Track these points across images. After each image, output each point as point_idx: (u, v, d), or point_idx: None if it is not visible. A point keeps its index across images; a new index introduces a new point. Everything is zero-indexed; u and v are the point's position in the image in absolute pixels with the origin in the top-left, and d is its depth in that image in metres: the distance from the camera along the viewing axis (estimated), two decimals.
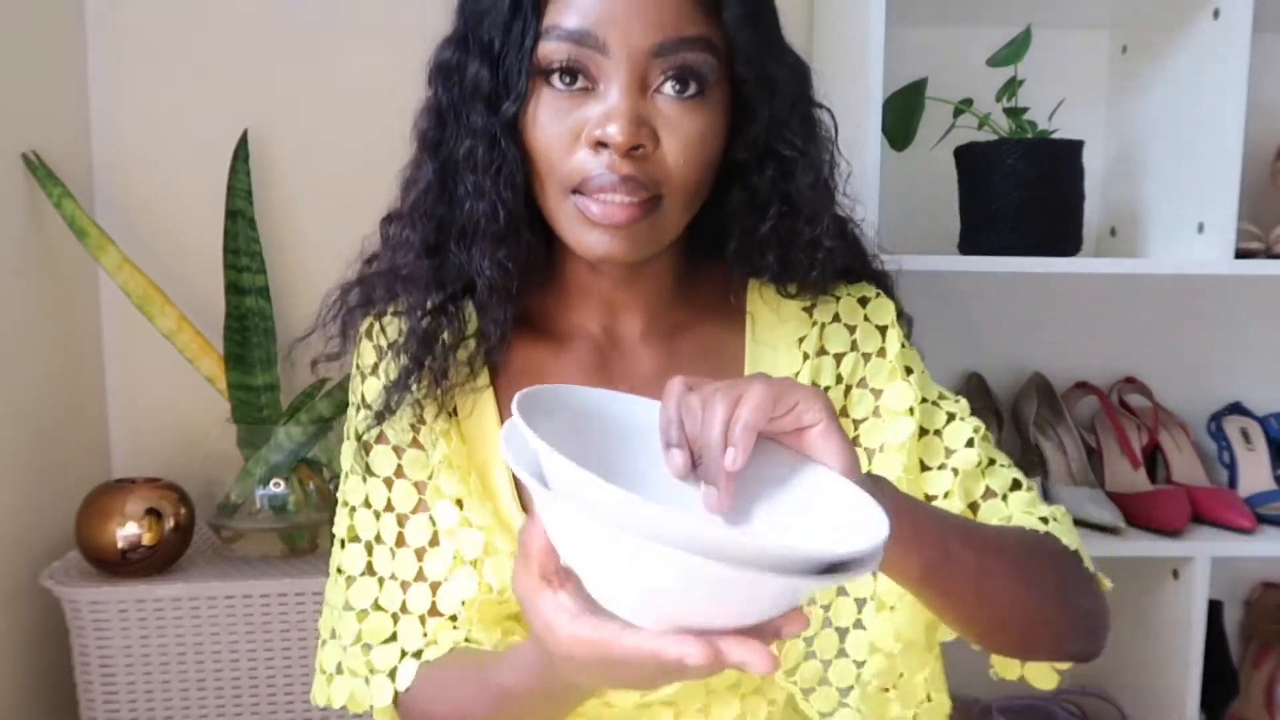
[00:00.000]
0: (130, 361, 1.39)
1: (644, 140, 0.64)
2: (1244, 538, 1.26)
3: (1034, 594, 0.67)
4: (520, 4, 0.65)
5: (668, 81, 0.65)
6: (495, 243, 0.69)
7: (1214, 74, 1.21)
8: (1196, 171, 1.25)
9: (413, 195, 0.73)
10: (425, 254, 0.72)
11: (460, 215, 0.70)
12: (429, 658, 0.71)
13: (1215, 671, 1.34)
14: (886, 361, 0.77)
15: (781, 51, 0.71)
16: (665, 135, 0.65)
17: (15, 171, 1.20)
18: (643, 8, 0.63)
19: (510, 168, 0.68)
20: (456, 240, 0.71)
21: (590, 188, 0.65)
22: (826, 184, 0.73)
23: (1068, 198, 1.23)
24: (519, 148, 0.68)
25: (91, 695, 1.15)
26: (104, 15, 1.34)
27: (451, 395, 0.74)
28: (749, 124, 0.70)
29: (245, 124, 1.33)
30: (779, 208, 0.71)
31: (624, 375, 0.76)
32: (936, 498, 0.74)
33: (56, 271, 1.28)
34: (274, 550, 1.25)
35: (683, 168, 0.66)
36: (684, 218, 0.70)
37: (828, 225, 0.73)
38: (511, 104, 0.66)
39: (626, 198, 0.65)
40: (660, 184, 0.66)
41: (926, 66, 1.26)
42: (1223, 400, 1.50)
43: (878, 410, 0.76)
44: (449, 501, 0.73)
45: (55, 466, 1.26)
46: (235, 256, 1.28)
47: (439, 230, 0.71)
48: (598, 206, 0.65)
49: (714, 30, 0.66)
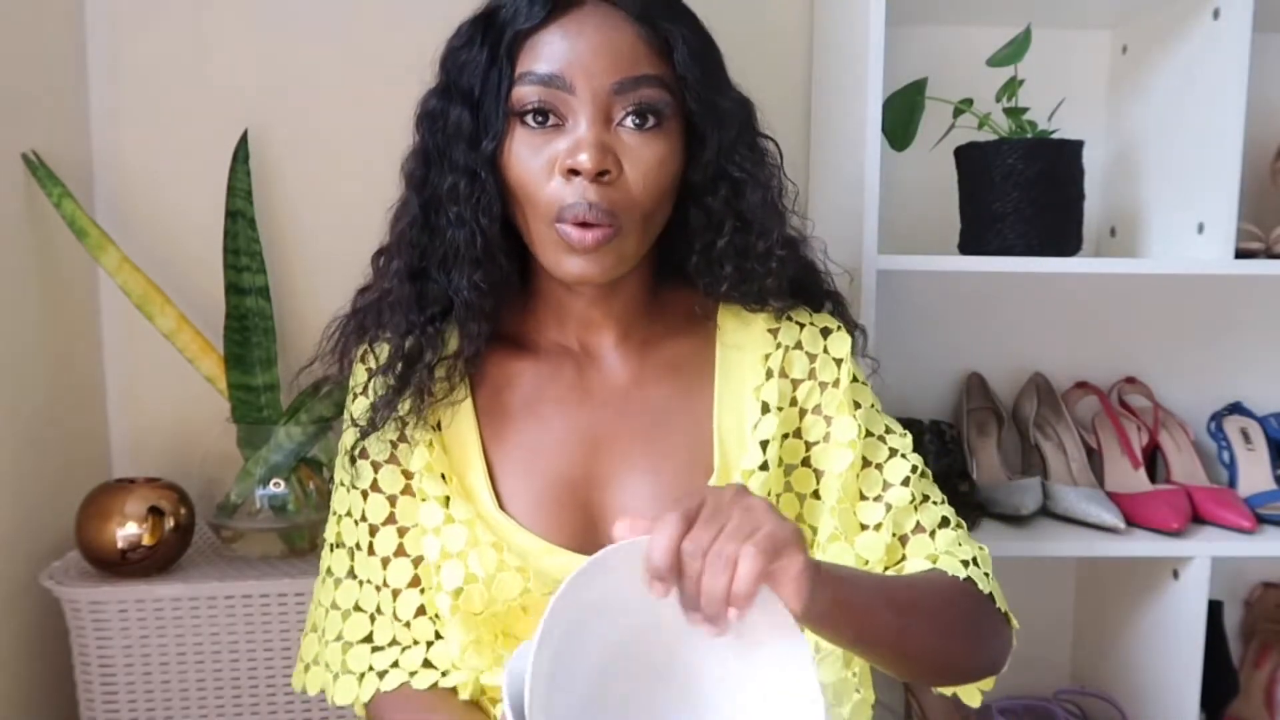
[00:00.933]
0: (130, 361, 1.39)
1: (610, 166, 0.73)
2: (1244, 538, 1.26)
3: (949, 643, 0.74)
4: (496, 55, 0.75)
5: (628, 116, 0.74)
6: (473, 266, 0.77)
7: (1214, 74, 1.21)
8: (1196, 171, 1.25)
9: (399, 228, 0.81)
10: (409, 279, 0.79)
11: (441, 244, 0.78)
12: (393, 679, 0.81)
13: (1215, 671, 1.34)
14: (839, 393, 0.83)
15: (726, 87, 0.81)
16: (628, 163, 0.74)
17: (15, 171, 1.20)
18: (604, 51, 0.73)
19: (488, 199, 0.76)
20: (438, 266, 0.79)
21: (568, 216, 0.73)
22: (775, 203, 0.82)
23: (1068, 198, 1.23)
24: (497, 181, 0.76)
25: (91, 695, 1.15)
26: (104, 15, 1.34)
27: (434, 409, 0.82)
28: (701, 150, 0.78)
29: (245, 124, 1.33)
30: (732, 223, 0.80)
31: (599, 386, 0.83)
32: (869, 527, 0.81)
33: (56, 271, 1.28)
34: (274, 550, 1.25)
35: (643, 191, 0.75)
36: (646, 239, 0.78)
37: (778, 238, 0.81)
38: (490, 142, 0.75)
39: (594, 223, 0.73)
40: (623, 209, 0.74)
41: (926, 66, 1.26)
42: (1223, 400, 1.50)
43: (827, 437, 0.83)
44: (434, 502, 0.80)
45: (55, 466, 1.26)
46: (235, 256, 1.28)
47: (422, 258, 0.79)
48: (577, 233, 0.73)
49: (666, 70, 0.75)
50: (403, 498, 0.83)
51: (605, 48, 0.73)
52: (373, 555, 0.83)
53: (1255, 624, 1.50)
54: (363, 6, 1.38)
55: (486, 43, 0.75)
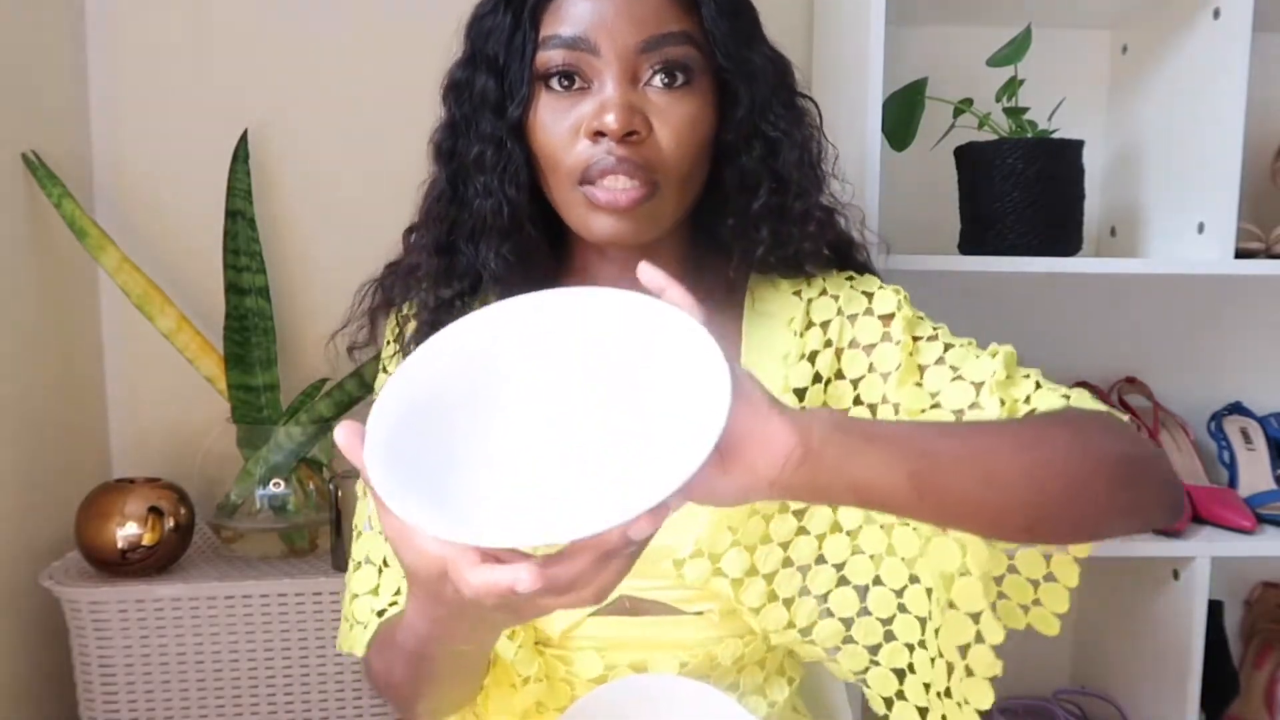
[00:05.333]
0: (130, 361, 1.39)
1: (638, 126, 0.70)
2: (1244, 538, 1.26)
3: (1061, 460, 0.62)
4: (520, 20, 0.73)
5: (655, 75, 0.72)
6: (501, 237, 0.76)
7: (1214, 74, 1.21)
8: (1196, 171, 1.25)
9: (427, 203, 0.81)
10: (437, 253, 0.78)
11: (469, 215, 0.77)
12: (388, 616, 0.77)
13: (1215, 671, 1.34)
14: (873, 318, 0.80)
15: (759, 43, 0.77)
16: (657, 123, 0.72)
17: (15, 171, 1.20)
18: (628, 10, 0.71)
19: (515, 166, 0.74)
20: (466, 239, 0.77)
21: (594, 174, 0.71)
22: (813, 164, 0.79)
23: (1068, 198, 1.23)
24: (524, 149, 0.74)
25: (91, 695, 1.15)
26: (104, 15, 1.34)
27: None
28: (734, 109, 0.75)
29: (245, 124, 1.33)
30: (769, 184, 0.77)
31: None
32: (963, 411, 0.73)
33: (56, 271, 1.28)
34: (274, 550, 1.25)
35: (675, 151, 0.72)
36: (681, 200, 0.75)
37: (816, 200, 0.78)
38: (516, 108, 0.73)
39: (627, 181, 0.70)
40: (656, 168, 0.71)
41: (926, 66, 1.26)
42: (1223, 400, 1.50)
43: (871, 366, 0.79)
44: None
45: (55, 466, 1.26)
46: (235, 256, 1.28)
47: (451, 231, 0.78)
48: (603, 194, 0.71)
49: (693, 25, 0.73)
50: None
51: (629, 6, 0.71)
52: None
53: (1255, 624, 1.50)
54: (363, 6, 1.38)
55: (510, 8, 0.74)
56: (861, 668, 0.79)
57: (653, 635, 0.80)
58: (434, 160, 0.80)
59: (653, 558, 0.71)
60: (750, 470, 0.53)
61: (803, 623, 0.78)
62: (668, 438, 0.50)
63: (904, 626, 0.78)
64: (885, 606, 0.78)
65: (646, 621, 0.80)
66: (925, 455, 0.57)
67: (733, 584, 0.76)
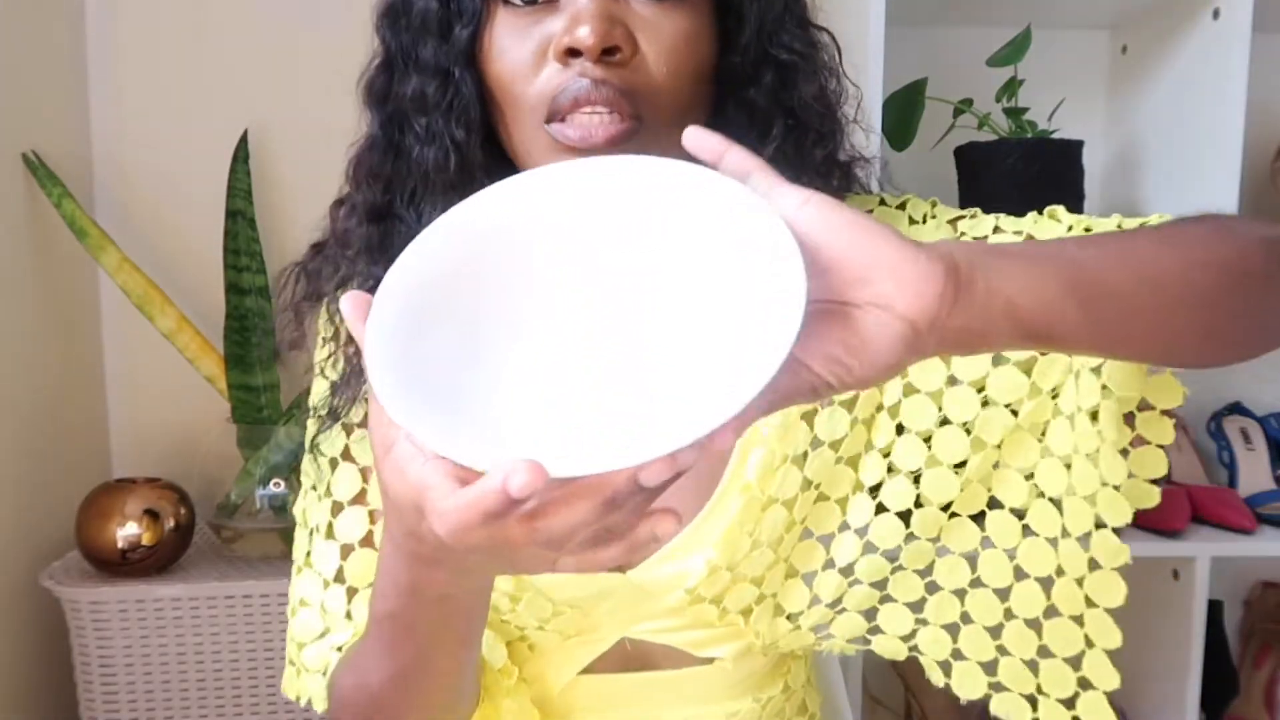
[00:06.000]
0: (130, 361, 1.39)
1: (619, 42, 0.55)
2: (1244, 538, 1.26)
3: (1218, 246, 0.54)
4: None
5: None
6: (446, 193, 0.60)
7: (1214, 74, 1.21)
8: (1196, 171, 1.24)
9: (358, 159, 0.67)
10: (370, 219, 0.64)
11: (408, 169, 0.62)
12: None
13: (1215, 671, 1.34)
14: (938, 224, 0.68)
15: None
16: (644, 40, 0.57)
17: (15, 171, 1.20)
18: None
19: (464, 103, 0.60)
20: (406, 200, 0.63)
21: (564, 105, 0.56)
22: (834, 102, 0.65)
23: (1068, 198, 1.23)
24: (475, 81, 0.60)
25: (91, 695, 1.15)
26: (104, 15, 1.34)
27: None
28: (739, 29, 0.60)
29: (245, 124, 1.33)
30: (783, 123, 0.62)
31: None
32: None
33: (56, 272, 1.28)
34: (274, 550, 1.25)
35: (667, 76, 0.57)
36: (672, 141, 0.53)
37: (839, 144, 0.64)
38: (465, 28, 0.59)
39: (606, 111, 0.56)
40: (642, 98, 0.56)
41: (926, 66, 1.26)
42: (1223, 400, 1.49)
43: None
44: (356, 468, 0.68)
45: (55, 466, 1.26)
46: (235, 256, 1.28)
47: (386, 190, 0.64)
48: (576, 131, 0.56)
49: None
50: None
51: None
52: (331, 540, 0.68)
53: (1255, 624, 1.50)
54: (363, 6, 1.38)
55: None
56: (908, 630, 0.68)
57: (659, 694, 0.69)
58: (365, 105, 0.66)
59: (658, 592, 0.65)
60: (888, 328, 0.40)
61: (902, 630, 0.68)
62: (731, 339, 0.40)
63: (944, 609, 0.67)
64: (990, 612, 0.66)
65: (652, 678, 0.69)
66: (1075, 262, 0.46)
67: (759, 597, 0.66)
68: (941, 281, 0.40)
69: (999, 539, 0.65)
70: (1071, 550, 0.64)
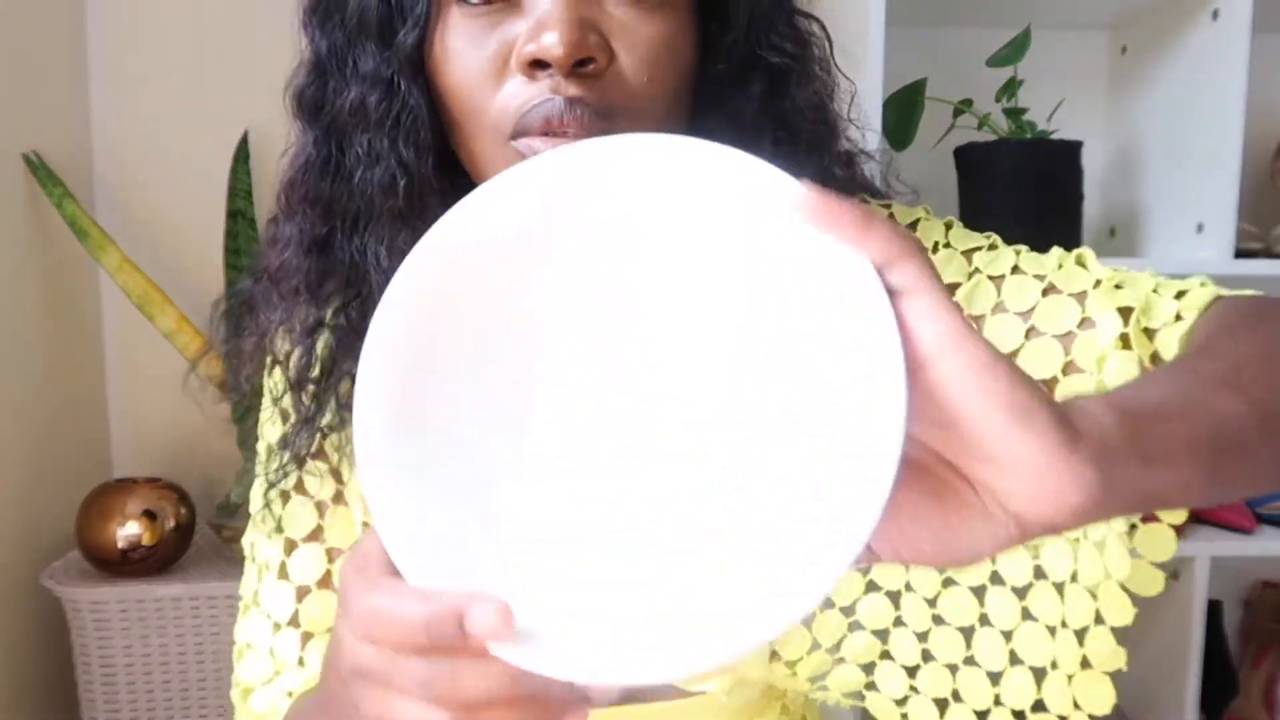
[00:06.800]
0: (130, 361, 1.39)
1: (594, 51, 0.48)
2: (1244, 538, 1.26)
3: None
4: None
5: None
6: (394, 223, 0.53)
7: (1214, 74, 1.21)
8: (1196, 171, 1.25)
9: (291, 178, 0.60)
10: (306, 252, 0.57)
11: (349, 194, 0.55)
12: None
13: (1215, 671, 1.34)
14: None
15: None
16: (620, 47, 0.49)
17: (16, 172, 1.20)
18: None
19: (412, 117, 0.52)
20: (347, 229, 0.55)
21: (533, 125, 0.48)
22: (826, 104, 0.59)
23: (1067, 198, 1.23)
24: (424, 92, 0.52)
25: (91, 695, 1.15)
26: (104, 15, 1.35)
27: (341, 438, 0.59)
28: (723, 32, 0.54)
29: (245, 124, 1.33)
30: (773, 134, 0.55)
31: None
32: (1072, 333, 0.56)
33: (57, 272, 1.29)
34: None
35: (647, 86, 0.50)
36: None
37: (834, 154, 0.58)
38: (411, 31, 0.51)
39: (579, 131, 0.48)
40: (621, 113, 0.49)
41: (926, 66, 1.26)
42: None
43: None
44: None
45: (55, 466, 1.26)
46: (236, 257, 1.28)
47: (325, 217, 0.56)
48: (546, 146, 0.48)
49: None
50: (335, 507, 0.61)
51: None
52: (285, 580, 0.62)
53: (1255, 624, 1.50)
54: None
55: None
56: (902, 695, 0.63)
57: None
58: (295, 117, 0.60)
59: None
60: (993, 525, 0.32)
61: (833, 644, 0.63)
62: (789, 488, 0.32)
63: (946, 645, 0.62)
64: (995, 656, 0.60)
65: (645, 711, 0.64)
66: (1218, 431, 0.37)
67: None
68: (1087, 495, 0.31)
69: (998, 619, 0.60)
70: (1068, 642, 0.59)
